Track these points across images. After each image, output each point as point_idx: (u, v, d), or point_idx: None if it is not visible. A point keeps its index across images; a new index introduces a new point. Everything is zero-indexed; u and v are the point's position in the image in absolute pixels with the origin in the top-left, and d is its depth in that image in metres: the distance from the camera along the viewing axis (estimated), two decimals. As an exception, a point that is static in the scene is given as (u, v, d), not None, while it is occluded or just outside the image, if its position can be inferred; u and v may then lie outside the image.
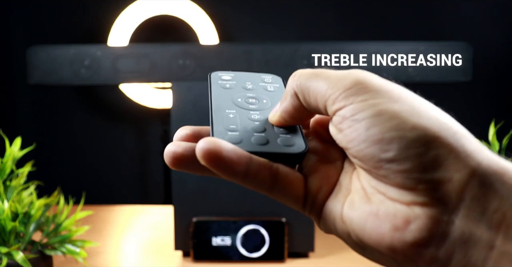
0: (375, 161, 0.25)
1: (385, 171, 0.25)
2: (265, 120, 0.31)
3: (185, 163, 0.28)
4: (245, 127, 0.30)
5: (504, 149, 0.77)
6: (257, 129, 0.30)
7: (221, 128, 0.29)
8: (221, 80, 0.36)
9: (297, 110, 0.29)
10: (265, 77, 0.36)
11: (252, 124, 0.30)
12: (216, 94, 0.34)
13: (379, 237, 0.25)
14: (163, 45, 0.91)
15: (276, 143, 0.29)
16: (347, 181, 0.29)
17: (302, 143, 0.29)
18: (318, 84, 0.28)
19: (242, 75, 0.36)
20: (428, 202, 0.24)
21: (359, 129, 0.26)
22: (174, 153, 0.28)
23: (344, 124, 0.26)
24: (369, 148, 0.25)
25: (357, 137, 0.26)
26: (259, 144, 0.28)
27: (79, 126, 1.95)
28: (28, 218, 0.74)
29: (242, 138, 0.29)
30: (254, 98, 0.33)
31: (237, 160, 0.26)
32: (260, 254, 0.86)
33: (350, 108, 0.26)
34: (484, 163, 0.25)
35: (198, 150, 0.26)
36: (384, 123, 0.25)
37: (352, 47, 0.90)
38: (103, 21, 1.76)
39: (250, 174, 0.27)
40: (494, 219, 0.24)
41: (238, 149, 0.27)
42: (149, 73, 0.90)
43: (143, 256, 0.93)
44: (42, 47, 0.91)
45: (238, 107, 0.32)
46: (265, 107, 0.33)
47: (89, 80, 0.90)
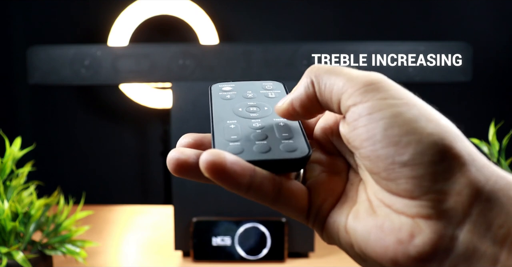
0: (388, 163, 0.25)
1: (396, 174, 0.25)
2: (267, 127, 0.31)
3: (189, 171, 0.28)
4: (246, 136, 0.30)
5: (504, 149, 0.77)
6: (259, 137, 0.30)
7: (222, 139, 0.29)
8: (222, 92, 0.35)
9: (309, 99, 0.29)
10: (266, 84, 0.36)
11: (253, 132, 0.30)
12: (217, 106, 0.33)
13: (383, 250, 0.25)
14: (163, 45, 0.91)
15: (278, 149, 0.28)
16: (353, 192, 0.29)
17: (305, 147, 0.29)
18: (337, 78, 0.27)
19: (242, 85, 0.36)
20: (433, 215, 0.24)
21: (376, 128, 0.25)
22: (177, 160, 0.28)
23: (359, 122, 0.26)
24: (384, 149, 0.25)
25: (373, 137, 0.25)
26: (261, 152, 0.28)
27: (79, 126, 1.95)
28: (28, 218, 0.74)
29: (243, 148, 0.28)
30: (255, 106, 0.33)
31: (241, 172, 0.26)
32: (260, 254, 0.86)
33: (368, 106, 0.26)
34: (492, 179, 0.25)
35: (201, 162, 0.26)
36: (403, 126, 0.25)
37: (352, 47, 0.90)
38: (103, 21, 1.76)
39: (253, 186, 0.27)
40: (499, 234, 0.24)
41: (242, 161, 0.26)
42: (149, 73, 0.90)
43: (143, 256, 0.93)
44: (42, 47, 0.91)
45: (239, 117, 0.32)
46: (267, 114, 0.32)
47: (89, 80, 0.90)
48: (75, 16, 1.87)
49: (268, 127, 0.31)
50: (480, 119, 1.11)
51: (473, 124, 1.26)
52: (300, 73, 0.97)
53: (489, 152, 0.78)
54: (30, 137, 1.84)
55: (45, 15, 1.88)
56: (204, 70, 0.89)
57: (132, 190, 1.99)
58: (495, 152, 0.77)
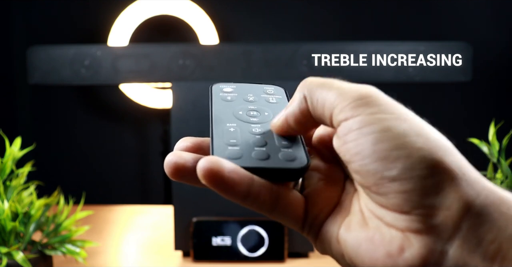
0: (377, 177, 0.25)
1: (385, 189, 0.25)
2: (267, 133, 0.30)
3: (186, 175, 0.28)
4: (245, 141, 0.29)
5: (504, 149, 0.77)
6: (258, 143, 0.29)
7: (221, 143, 0.29)
8: (222, 92, 0.34)
9: (303, 114, 0.29)
10: (268, 89, 0.35)
11: (253, 137, 0.30)
12: (217, 107, 0.33)
13: (372, 262, 0.25)
14: (163, 45, 0.91)
15: (277, 158, 0.28)
16: (348, 202, 0.28)
17: (304, 157, 0.28)
18: (328, 92, 0.27)
19: (243, 87, 0.35)
20: (423, 229, 0.24)
21: (365, 143, 0.25)
22: (175, 164, 0.28)
23: (349, 136, 0.26)
24: (373, 163, 0.25)
25: (362, 151, 0.25)
26: (260, 159, 0.28)
27: (79, 126, 1.95)
28: (28, 218, 0.74)
29: (242, 153, 0.28)
30: (255, 110, 0.33)
31: (239, 181, 0.26)
32: (260, 254, 0.86)
33: (358, 120, 0.26)
34: (483, 193, 0.25)
35: (199, 169, 0.26)
36: (392, 140, 0.25)
37: (352, 47, 0.90)
38: (103, 21, 1.76)
39: (251, 195, 0.26)
40: (490, 250, 0.24)
41: (240, 170, 0.26)
42: (149, 73, 0.90)
43: (143, 256, 0.93)
44: (42, 47, 0.91)
45: (239, 120, 0.31)
46: (267, 119, 0.32)
47: (89, 80, 0.90)
48: (75, 16, 1.87)
49: (267, 133, 0.30)
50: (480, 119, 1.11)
51: (473, 124, 1.26)
52: (300, 73, 0.97)
53: (489, 152, 0.77)
54: (30, 137, 1.84)
55: (45, 15, 1.88)
56: (204, 70, 0.89)
57: (132, 190, 1.99)
58: (495, 152, 0.77)
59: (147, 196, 1.99)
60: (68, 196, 0.84)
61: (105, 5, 1.79)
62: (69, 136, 1.95)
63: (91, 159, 1.96)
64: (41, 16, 1.88)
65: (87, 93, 1.94)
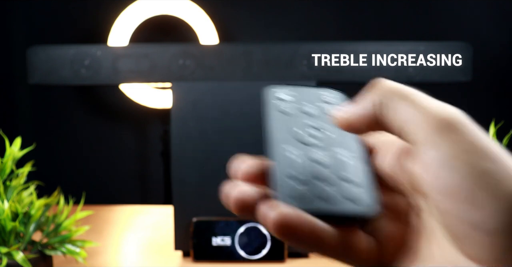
0: (461, 221, 0.22)
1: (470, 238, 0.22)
2: (329, 162, 0.26)
3: (252, 212, 0.25)
4: (306, 174, 0.25)
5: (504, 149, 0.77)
6: (319, 176, 0.25)
7: (283, 176, 0.25)
8: (277, 100, 0.29)
9: (375, 118, 0.25)
10: (325, 95, 0.30)
11: (313, 167, 0.25)
12: (274, 120, 0.27)
13: None
14: (163, 45, 0.91)
15: (340, 199, 0.24)
16: (417, 243, 0.25)
17: (373, 203, 0.24)
18: (409, 107, 0.24)
19: (299, 92, 0.30)
20: None
21: (450, 178, 0.22)
22: (242, 202, 0.25)
23: (431, 166, 0.23)
24: (458, 204, 0.22)
25: (445, 187, 0.22)
26: (320, 199, 0.24)
27: (79, 126, 1.95)
28: (28, 218, 0.74)
29: (303, 192, 0.24)
30: (315, 127, 0.27)
31: (308, 233, 0.23)
32: (260, 254, 0.86)
33: (443, 150, 0.23)
34: None
35: (271, 223, 0.23)
36: (482, 182, 0.22)
37: (352, 47, 0.90)
38: (103, 21, 1.76)
39: (317, 244, 0.23)
40: None
41: (309, 220, 0.23)
42: (149, 73, 0.90)
43: (143, 256, 0.93)
44: (42, 47, 0.91)
45: (299, 143, 0.26)
46: (329, 140, 0.27)
47: (89, 80, 0.90)
48: (75, 16, 1.87)
49: (330, 162, 0.26)
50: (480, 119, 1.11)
51: (473, 124, 1.26)
52: (300, 73, 0.97)
53: (489, 152, 0.77)
54: (30, 137, 1.84)
55: (45, 15, 1.88)
56: (204, 70, 0.89)
57: (132, 190, 1.99)
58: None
59: (147, 196, 1.99)
60: (68, 196, 0.84)
61: (105, 5, 1.79)
62: (69, 136, 1.95)
63: (91, 159, 1.96)
64: (41, 16, 1.88)
65: (87, 93, 1.94)
